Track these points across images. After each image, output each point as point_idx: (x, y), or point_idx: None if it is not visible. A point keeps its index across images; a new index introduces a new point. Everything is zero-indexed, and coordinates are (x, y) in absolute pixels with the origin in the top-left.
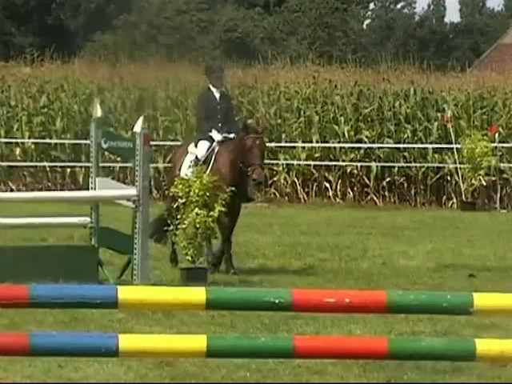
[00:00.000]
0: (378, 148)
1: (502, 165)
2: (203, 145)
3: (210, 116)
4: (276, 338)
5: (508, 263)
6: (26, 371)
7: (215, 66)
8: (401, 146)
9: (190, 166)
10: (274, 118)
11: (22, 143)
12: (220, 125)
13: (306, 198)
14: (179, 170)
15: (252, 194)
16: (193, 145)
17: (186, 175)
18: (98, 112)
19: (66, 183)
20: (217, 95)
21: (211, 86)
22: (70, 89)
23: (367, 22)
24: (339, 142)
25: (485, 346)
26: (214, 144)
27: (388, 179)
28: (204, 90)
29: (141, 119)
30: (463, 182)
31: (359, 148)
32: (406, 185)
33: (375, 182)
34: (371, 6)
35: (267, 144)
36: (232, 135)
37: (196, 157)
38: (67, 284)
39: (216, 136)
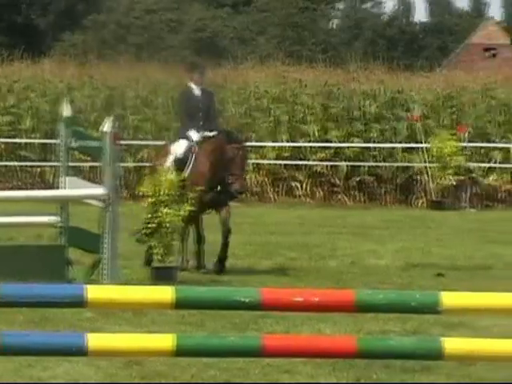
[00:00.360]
0: (347, 147)
1: (470, 164)
2: (182, 144)
3: (191, 114)
4: (245, 337)
5: (476, 262)
6: None
7: (198, 63)
8: (370, 145)
9: (171, 166)
10: (243, 117)
11: None
12: (201, 123)
13: (275, 198)
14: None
15: (222, 198)
16: (174, 144)
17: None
18: (67, 111)
19: (36, 182)
20: (198, 92)
21: (192, 84)
22: (39, 88)
23: (336, 21)
24: (308, 142)
25: (453, 344)
26: (193, 143)
27: (357, 178)
28: (185, 88)
29: (110, 118)
30: (432, 182)
31: (328, 147)
32: (374, 184)
33: (344, 182)
34: (340, 5)
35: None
36: (213, 134)
37: (175, 156)
38: (36, 283)
39: (194, 136)
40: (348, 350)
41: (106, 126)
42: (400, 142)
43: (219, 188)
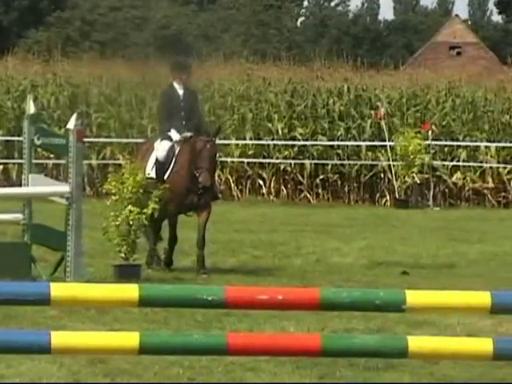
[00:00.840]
0: (312, 145)
1: (434, 162)
2: (164, 145)
3: (172, 114)
4: (209, 335)
5: (441, 260)
6: None
7: (181, 61)
8: (334, 143)
9: (153, 166)
10: (207, 115)
11: None
12: (184, 123)
13: (239, 196)
14: (145, 169)
15: (205, 200)
16: (158, 142)
17: (149, 174)
18: (31, 108)
19: None
20: (180, 92)
21: (174, 83)
22: (2, 85)
23: (301, 19)
24: (273, 140)
25: (417, 343)
26: (175, 144)
27: (322, 176)
28: (167, 87)
29: (74, 116)
30: (396, 180)
31: (293, 145)
32: (339, 182)
33: (309, 180)
34: (305, 3)
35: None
36: (191, 134)
37: (156, 157)
38: (0, 281)
39: (174, 136)
40: (312, 348)
41: (71, 123)
42: (365, 141)
43: (199, 191)
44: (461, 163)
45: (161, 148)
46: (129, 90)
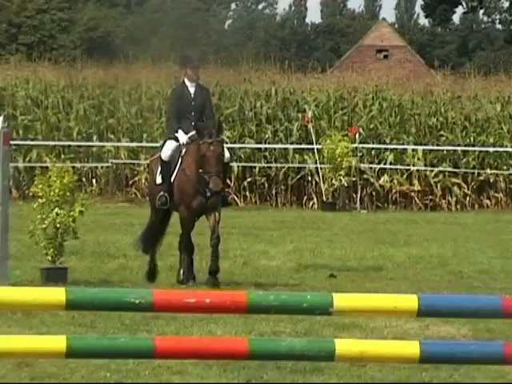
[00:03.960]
0: (239, 148)
1: (362, 165)
2: (169, 145)
3: (182, 114)
4: (136, 338)
5: (368, 263)
6: None
7: (192, 55)
8: (262, 146)
9: (160, 171)
10: (135, 117)
11: None
12: (193, 124)
13: None
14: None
15: (212, 203)
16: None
17: (157, 181)
18: None
19: None
20: (191, 90)
21: (186, 80)
22: None
23: (229, 22)
24: None
25: (344, 346)
26: (181, 145)
27: (249, 179)
28: (177, 85)
29: (0, 118)
30: (324, 183)
31: None
32: (266, 185)
33: (236, 182)
34: (233, 6)
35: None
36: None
37: (161, 158)
38: None
39: (181, 137)
40: (239, 351)
41: None
42: (292, 143)
43: (208, 193)
44: (388, 166)
45: (166, 147)
46: (55, 93)
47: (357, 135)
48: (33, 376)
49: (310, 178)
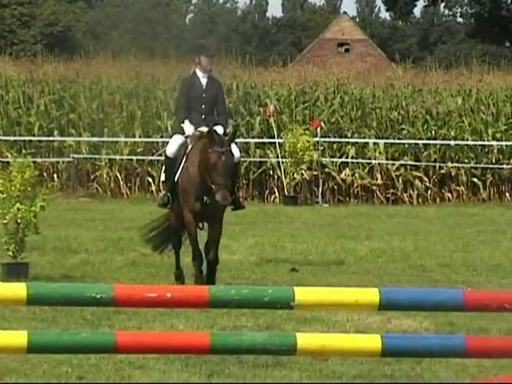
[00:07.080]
0: None
1: (323, 159)
2: (175, 140)
3: (191, 106)
4: (98, 333)
5: (329, 257)
6: None
7: (207, 43)
8: None
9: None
10: (96, 112)
11: None
12: (204, 116)
13: (128, 193)
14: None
15: (215, 210)
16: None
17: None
18: None
19: None
20: (203, 81)
21: (197, 70)
22: None
23: (190, 16)
24: (162, 137)
25: (306, 339)
26: (188, 140)
27: None
28: (188, 75)
29: None
30: (285, 177)
31: None
32: None
33: None
34: (194, 0)
35: None
36: (219, 128)
37: (165, 154)
38: None
39: (188, 129)
40: (201, 346)
41: None
42: (254, 137)
43: (206, 199)
44: (349, 160)
45: (171, 142)
46: (16, 88)
47: (318, 129)
48: None
49: (271, 172)
